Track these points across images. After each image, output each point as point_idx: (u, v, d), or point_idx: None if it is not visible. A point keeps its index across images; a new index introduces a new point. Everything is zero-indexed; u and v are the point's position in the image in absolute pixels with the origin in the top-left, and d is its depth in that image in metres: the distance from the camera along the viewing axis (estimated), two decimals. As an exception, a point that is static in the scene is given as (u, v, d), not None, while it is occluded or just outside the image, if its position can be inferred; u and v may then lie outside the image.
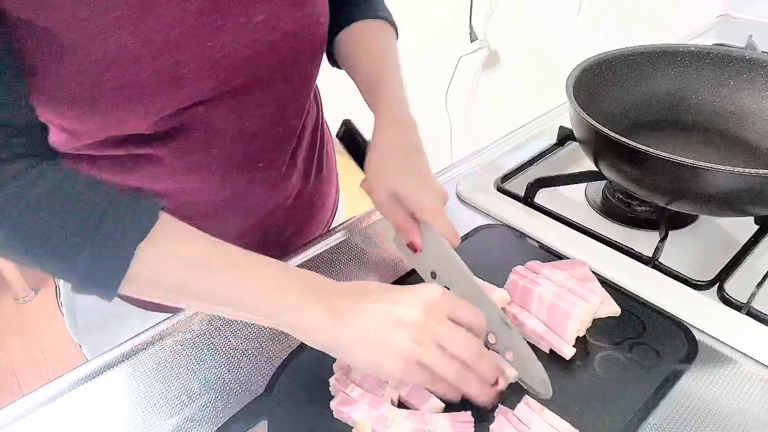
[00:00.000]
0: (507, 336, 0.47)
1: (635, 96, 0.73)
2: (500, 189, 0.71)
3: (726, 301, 0.54)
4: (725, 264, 0.57)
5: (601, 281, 0.55)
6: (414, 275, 0.58)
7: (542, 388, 0.45)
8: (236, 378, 0.51)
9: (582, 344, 0.50)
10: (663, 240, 0.58)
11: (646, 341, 0.50)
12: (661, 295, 0.55)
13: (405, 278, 0.59)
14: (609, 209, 0.68)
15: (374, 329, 0.41)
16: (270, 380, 0.49)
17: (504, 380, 0.45)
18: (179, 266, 0.42)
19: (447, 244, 0.51)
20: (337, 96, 0.67)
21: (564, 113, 0.87)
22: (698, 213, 0.62)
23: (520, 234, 0.65)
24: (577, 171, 0.70)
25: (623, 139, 0.54)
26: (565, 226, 0.65)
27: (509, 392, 0.46)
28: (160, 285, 0.42)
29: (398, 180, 0.54)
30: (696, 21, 1.24)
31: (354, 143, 0.60)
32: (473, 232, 0.65)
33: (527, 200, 0.68)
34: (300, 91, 0.60)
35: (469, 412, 0.44)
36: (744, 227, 0.62)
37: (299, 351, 0.52)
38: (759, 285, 0.53)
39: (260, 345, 0.54)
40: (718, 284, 0.55)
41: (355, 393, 0.45)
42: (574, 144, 0.79)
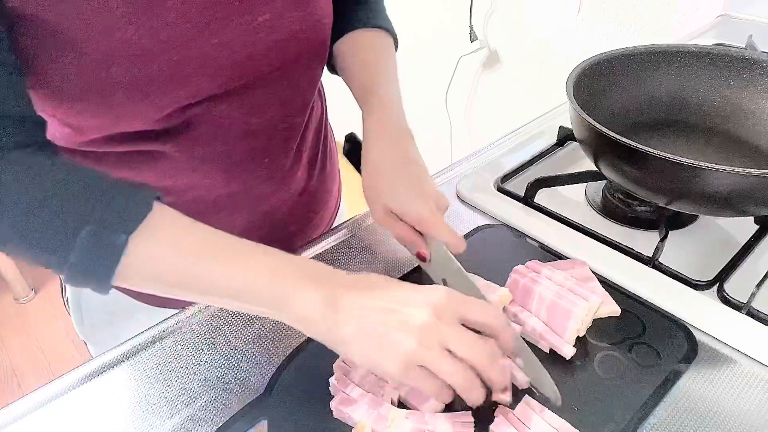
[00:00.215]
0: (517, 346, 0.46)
1: (635, 96, 0.73)
2: (500, 189, 0.71)
3: (726, 301, 0.54)
4: (725, 264, 0.57)
5: (601, 281, 0.55)
6: (418, 271, 0.59)
7: (553, 395, 0.44)
8: (236, 378, 0.51)
9: (582, 344, 0.50)
10: (663, 240, 0.58)
11: (646, 341, 0.50)
12: (661, 295, 0.55)
13: (409, 276, 0.59)
14: (609, 209, 0.68)
15: (377, 327, 0.40)
16: (270, 380, 0.49)
17: (510, 392, 0.43)
18: (175, 254, 0.41)
19: (449, 254, 0.52)
20: (342, 93, 0.67)
21: (564, 113, 0.87)
22: (698, 213, 0.62)
23: (520, 234, 0.65)
24: (577, 171, 0.70)
25: (623, 139, 0.54)
26: (565, 226, 0.65)
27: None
28: (156, 275, 0.42)
29: (392, 196, 0.53)
30: (696, 21, 1.24)
31: (360, 158, 0.59)
32: (473, 232, 0.65)
33: (527, 200, 0.68)
34: (304, 89, 0.60)
35: (469, 412, 0.44)
36: (744, 227, 0.62)
37: (299, 351, 0.52)
38: (759, 285, 0.53)
39: (260, 345, 0.54)
40: (718, 284, 0.55)
41: (355, 393, 0.45)
42: (574, 144, 0.79)
